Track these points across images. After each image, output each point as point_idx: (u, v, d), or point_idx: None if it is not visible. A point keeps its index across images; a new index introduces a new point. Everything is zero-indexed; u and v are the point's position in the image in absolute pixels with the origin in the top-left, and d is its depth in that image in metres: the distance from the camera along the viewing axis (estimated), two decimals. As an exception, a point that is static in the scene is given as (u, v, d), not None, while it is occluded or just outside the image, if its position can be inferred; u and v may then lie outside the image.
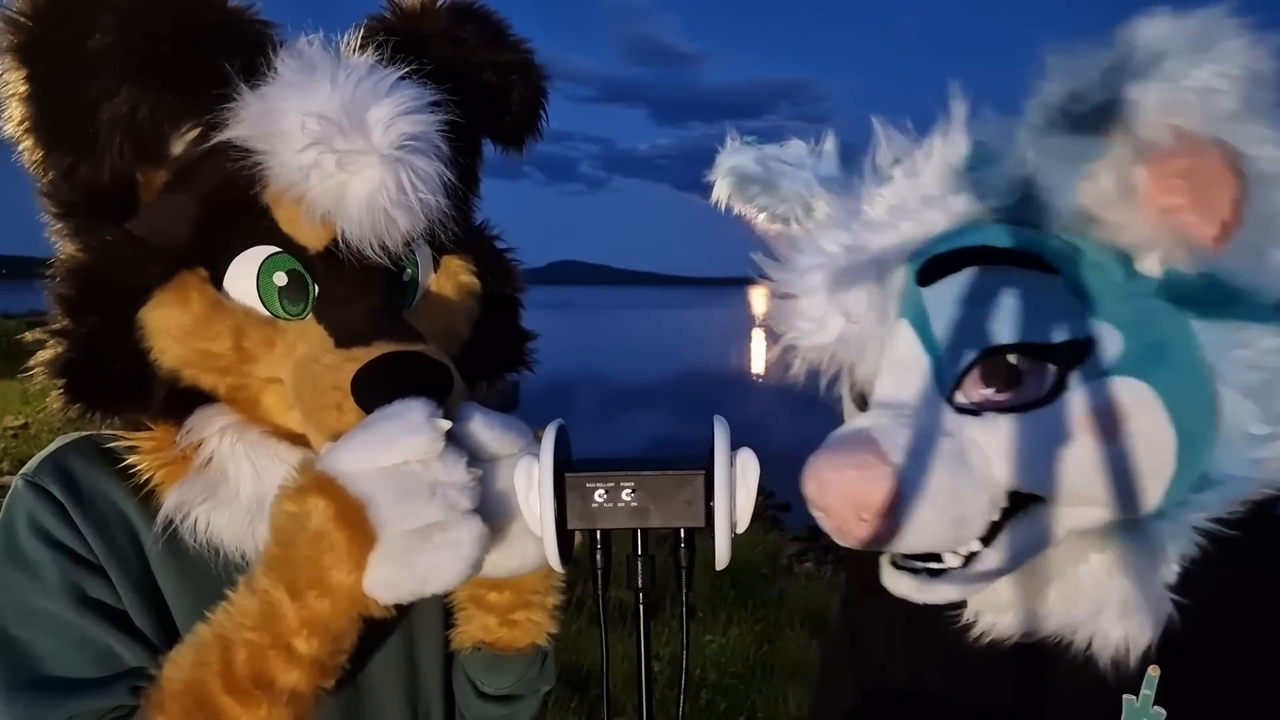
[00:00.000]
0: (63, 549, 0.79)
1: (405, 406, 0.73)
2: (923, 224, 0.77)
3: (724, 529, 0.66)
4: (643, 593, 0.69)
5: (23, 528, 0.79)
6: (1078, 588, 0.77)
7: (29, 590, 0.78)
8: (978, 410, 0.73)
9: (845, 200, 0.82)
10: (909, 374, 0.75)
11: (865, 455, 0.71)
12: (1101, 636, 0.77)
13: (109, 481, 0.82)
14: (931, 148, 0.78)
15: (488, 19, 0.94)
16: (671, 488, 0.67)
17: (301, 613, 0.70)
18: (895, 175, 0.79)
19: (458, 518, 0.71)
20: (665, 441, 12.74)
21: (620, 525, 0.68)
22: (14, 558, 0.79)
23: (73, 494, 0.80)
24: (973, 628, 0.84)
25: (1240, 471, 0.73)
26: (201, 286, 0.79)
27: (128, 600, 0.80)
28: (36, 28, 0.73)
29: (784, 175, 0.93)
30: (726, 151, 0.97)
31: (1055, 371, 0.71)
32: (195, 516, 0.80)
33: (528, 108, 0.97)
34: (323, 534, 0.69)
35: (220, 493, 0.80)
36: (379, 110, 0.76)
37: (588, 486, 0.67)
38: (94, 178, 0.76)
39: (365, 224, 0.77)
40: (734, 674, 3.92)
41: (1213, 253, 0.67)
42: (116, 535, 0.81)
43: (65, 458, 0.83)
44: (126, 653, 0.79)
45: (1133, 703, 0.79)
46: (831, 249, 0.79)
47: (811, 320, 0.79)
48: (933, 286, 0.75)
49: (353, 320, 0.80)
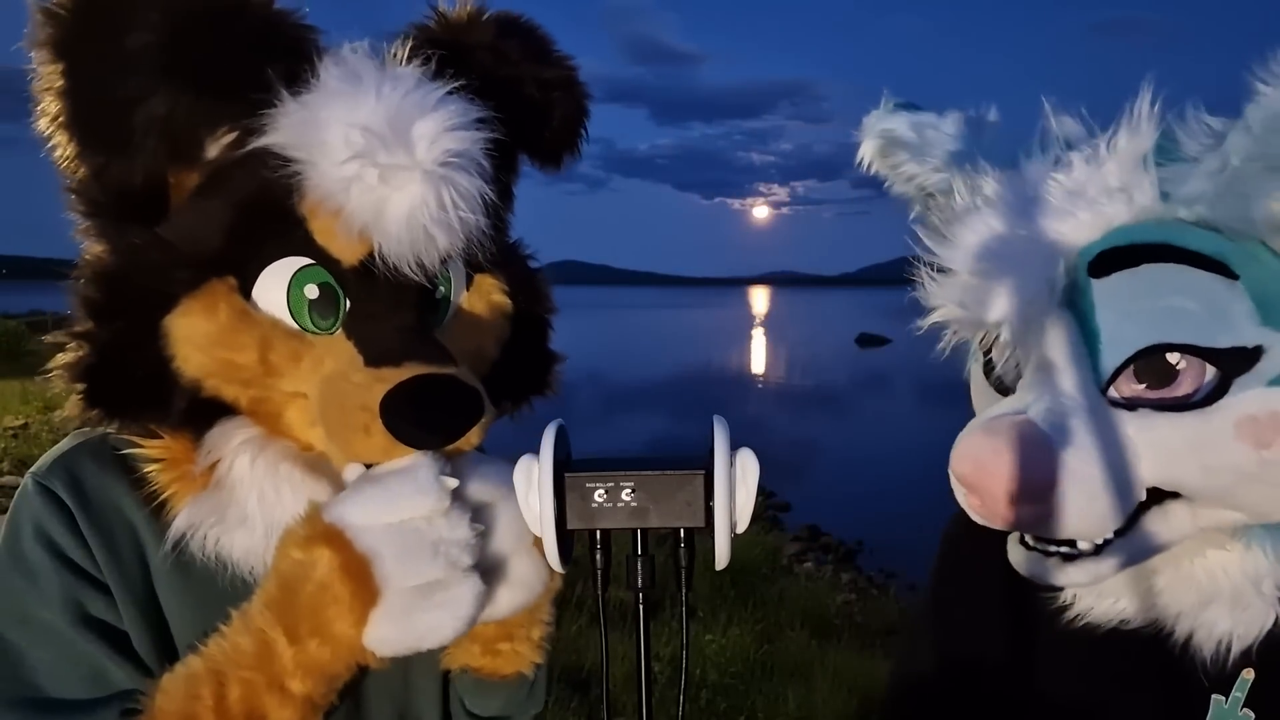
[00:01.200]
0: (66, 562, 0.78)
1: (414, 464, 0.74)
2: (1102, 214, 0.76)
3: (724, 529, 0.65)
4: (642, 593, 0.69)
5: (28, 532, 0.78)
6: (1191, 579, 0.78)
7: (28, 597, 0.77)
8: (1132, 406, 0.74)
9: (1017, 181, 0.80)
10: (1068, 364, 0.75)
11: (1029, 442, 0.72)
12: (1205, 629, 0.78)
13: (119, 490, 0.81)
14: (1117, 138, 0.77)
15: (533, 33, 0.93)
16: (671, 488, 0.67)
17: (299, 656, 0.71)
18: (1075, 161, 0.77)
19: (458, 576, 0.72)
20: (664, 441, 12.75)
21: (620, 525, 0.68)
22: (16, 562, 0.78)
23: (82, 502, 0.79)
24: (1069, 609, 0.84)
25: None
26: (229, 296, 0.77)
27: (128, 618, 0.79)
28: (75, 22, 0.71)
29: (940, 144, 0.90)
30: (879, 113, 0.95)
31: (1217, 375, 0.71)
32: (205, 535, 0.78)
33: (569, 126, 0.95)
34: (327, 585, 0.70)
35: (232, 514, 0.78)
36: (424, 125, 0.74)
37: (588, 486, 0.67)
38: (125, 178, 0.75)
39: (404, 240, 0.75)
40: (734, 674, 3.92)
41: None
42: (122, 548, 0.80)
43: (77, 462, 0.81)
44: (120, 674, 0.77)
45: (1221, 703, 0.80)
46: (1004, 231, 0.78)
47: (976, 299, 0.78)
48: (1104, 279, 0.74)
49: (383, 338, 0.78)
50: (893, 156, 0.94)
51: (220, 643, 0.73)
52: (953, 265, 0.79)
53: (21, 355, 18.52)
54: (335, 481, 0.81)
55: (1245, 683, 0.79)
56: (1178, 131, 0.75)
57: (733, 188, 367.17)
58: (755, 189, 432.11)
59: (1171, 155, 0.75)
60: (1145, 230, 0.75)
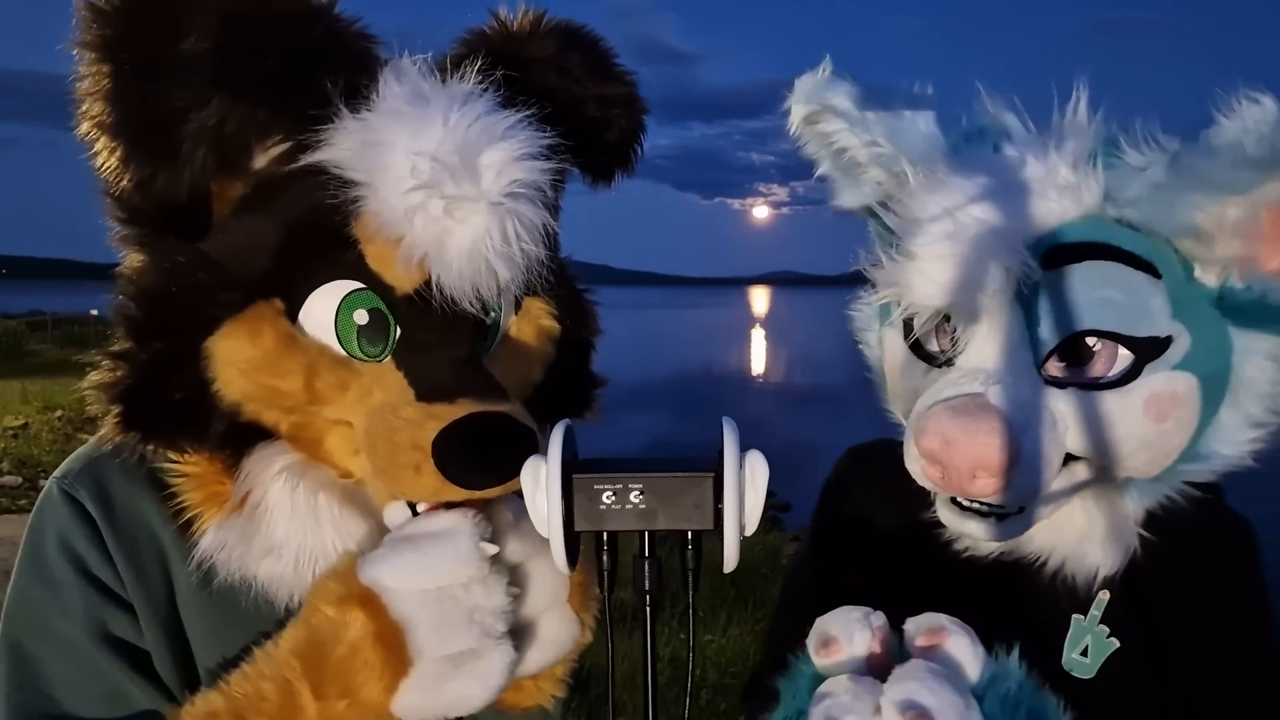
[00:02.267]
0: (90, 577, 0.76)
1: (454, 529, 0.72)
2: (1053, 210, 0.82)
3: (733, 532, 0.65)
4: (649, 595, 0.69)
5: (52, 542, 0.77)
6: (1069, 518, 0.89)
7: (49, 609, 0.76)
8: (1061, 384, 0.83)
9: (971, 170, 0.84)
10: (1012, 346, 0.83)
11: (994, 423, 0.79)
12: (1077, 561, 0.89)
13: (147, 503, 0.79)
14: (1065, 138, 0.83)
15: (595, 47, 0.90)
16: (680, 490, 0.66)
17: (324, 712, 0.70)
18: (1027, 158, 0.83)
19: (490, 644, 0.72)
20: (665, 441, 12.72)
21: (629, 527, 0.67)
22: (39, 572, 0.77)
23: (108, 515, 0.77)
24: (951, 544, 0.94)
25: (1225, 450, 0.87)
26: (275, 319, 0.74)
27: (150, 637, 0.78)
28: (125, 22, 0.67)
29: (883, 123, 0.91)
30: (815, 78, 0.93)
31: (1133, 360, 0.82)
32: (232, 558, 0.76)
33: (625, 143, 0.93)
34: (359, 650, 0.69)
35: (261, 540, 0.76)
36: (492, 155, 0.71)
37: (595, 488, 0.66)
38: (171, 190, 0.71)
39: (464, 273, 0.72)
40: (734, 674, 3.91)
41: (1273, 278, 0.79)
42: (147, 566, 0.78)
43: (105, 471, 0.79)
44: (140, 695, 0.76)
45: (1080, 621, 0.91)
46: (962, 218, 0.81)
47: (932, 281, 0.82)
48: (1052, 270, 0.82)
49: (436, 371, 0.76)
50: (824, 123, 0.94)
51: (243, 684, 0.72)
52: (910, 247, 0.83)
53: (21, 355, 18.54)
54: (371, 514, 0.79)
55: (1102, 602, 0.91)
56: (1122, 139, 0.82)
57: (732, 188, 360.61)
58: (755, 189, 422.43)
59: (1114, 160, 0.82)
60: (1090, 228, 0.83)
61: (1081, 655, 0.90)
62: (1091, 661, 0.90)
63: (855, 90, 0.92)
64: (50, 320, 26.44)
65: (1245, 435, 0.86)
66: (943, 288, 0.82)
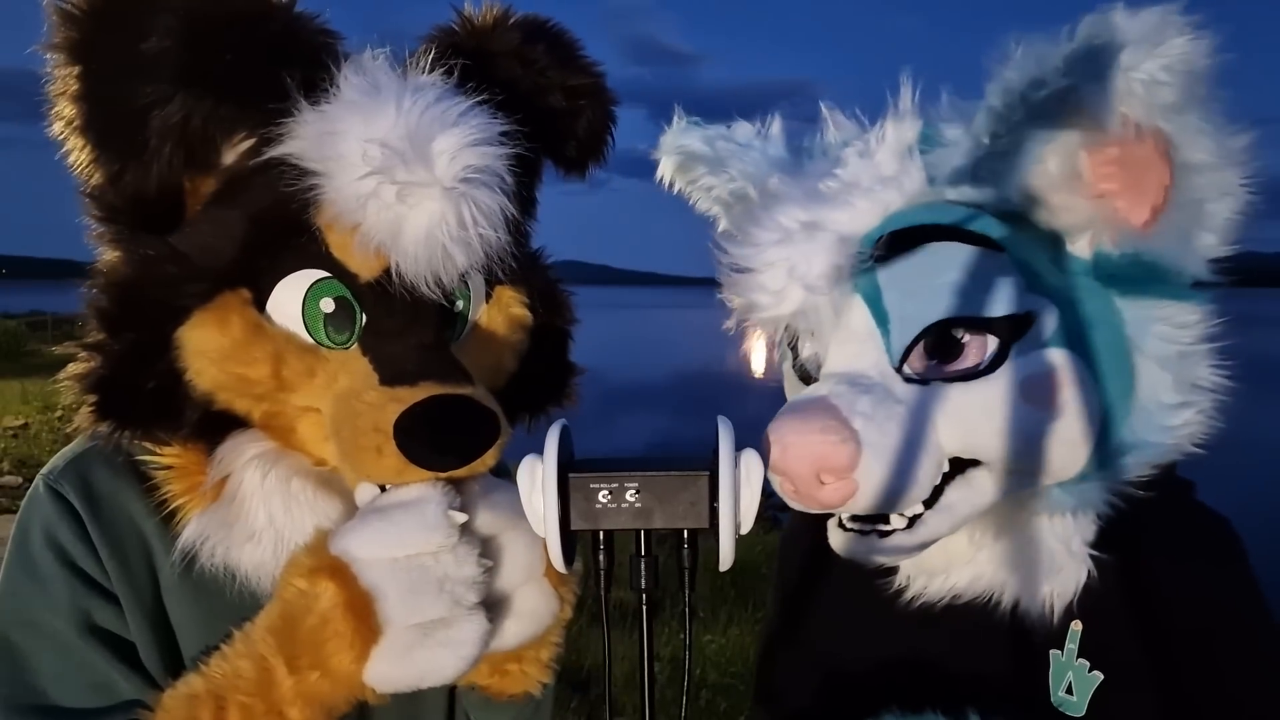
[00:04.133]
0: (75, 570, 0.77)
1: (422, 497, 0.73)
2: (878, 202, 0.80)
3: (729, 530, 0.65)
4: (646, 594, 0.69)
5: (38, 536, 0.78)
6: (1008, 549, 0.83)
7: (36, 602, 0.77)
8: (925, 380, 0.78)
9: (800, 179, 0.84)
10: (862, 346, 0.80)
11: (828, 420, 0.75)
12: (1028, 594, 0.83)
13: (131, 497, 0.80)
14: (884, 130, 0.81)
15: (560, 38, 0.91)
16: (676, 489, 0.67)
17: (298, 686, 0.71)
18: (849, 156, 0.82)
19: (461, 614, 0.71)
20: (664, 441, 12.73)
21: (624, 526, 0.67)
22: (25, 566, 0.78)
23: (92, 509, 0.78)
24: (904, 592, 0.88)
25: (1154, 438, 0.79)
26: (243, 309, 0.76)
27: (135, 628, 0.79)
28: (91, 25, 0.69)
29: (733, 155, 0.94)
30: (673, 131, 0.98)
31: (997, 344, 0.76)
32: (214, 547, 0.77)
33: (595, 134, 0.94)
34: (329, 620, 0.70)
35: (241, 528, 0.77)
36: (444, 140, 0.72)
37: (591, 487, 0.67)
38: (140, 185, 0.73)
39: (421, 259, 0.73)
40: (734, 674, 3.91)
41: (1142, 235, 0.73)
42: (131, 557, 0.79)
43: (90, 467, 0.81)
44: (125, 685, 0.77)
45: (1059, 657, 0.84)
46: (789, 225, 0.81)
47: (770, 293, 0.81)
48: (886, 263, 0.79)
49: (399, 356, 0.77)
50: (691, 171, 0.98)
51: (222, 665, 0.73)
52: (746, 263, 0.82)
53: (21, 355, 18.52)
54: (347, 498, 0.80)
55: (1075, 634, 0.83)
56: (937, 119, 0.80)
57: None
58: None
59: (934, 142, 0.80)
60: (916, 214, 0.79)
61: (1068, 693, 0.83)
62: (1078, 699, 0.83)
63: (710, 133, 0.96)
64: (50, 320, 26.44)
65: (1172, 418, 0.78)
66: (779, 296, 0.80)
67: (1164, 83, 0.65)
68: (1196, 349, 0.78)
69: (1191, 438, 0.80)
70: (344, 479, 0.80)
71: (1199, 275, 0.76)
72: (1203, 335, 0.78)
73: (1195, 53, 0.65)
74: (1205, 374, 0.78)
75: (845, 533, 0.84)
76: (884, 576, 0.89)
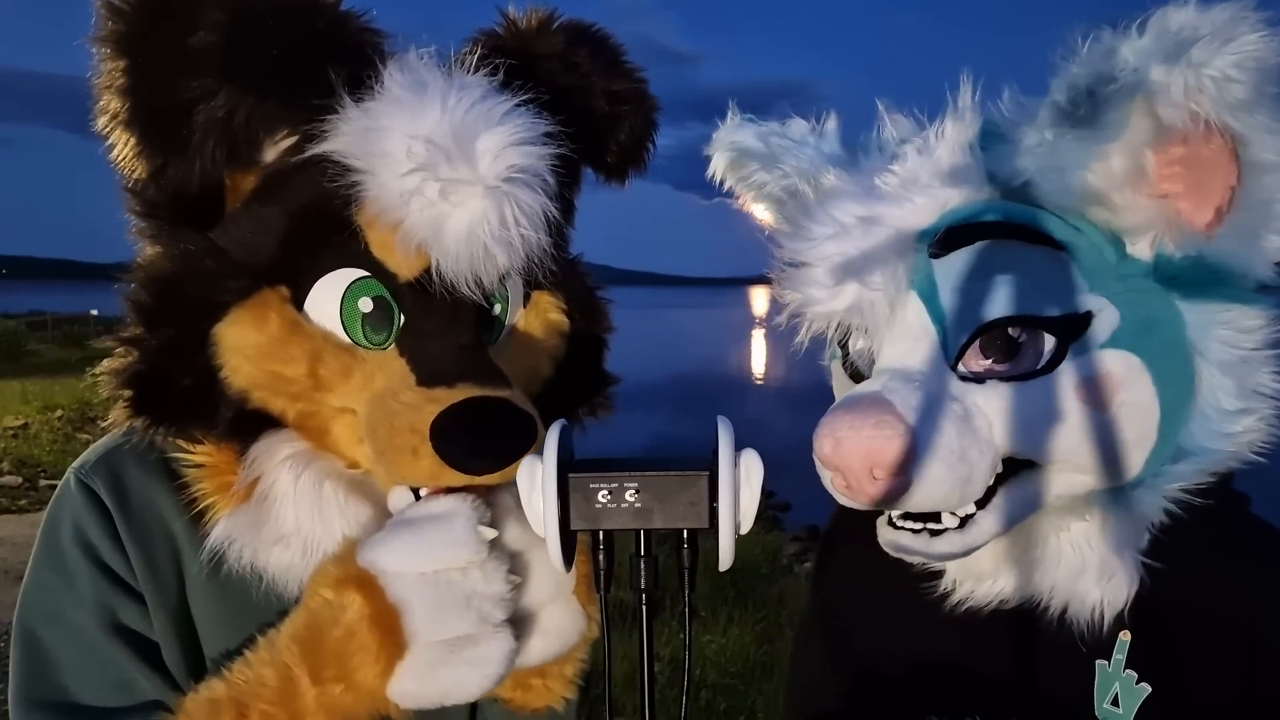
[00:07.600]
0: (103, 567, 0.77)
1: (452, 512, 0.72)
2: (936, 199, 0.79)
3: (728, 530, 0.65)
4: (646, 594, 0.69)
5: (67, 530, 0.78)
6: (1059, 554, 0.81)
7: (63, 597, 0.77)
8: (980, 379, 0.77)
9: (856, 174, 0.84)
10: (917, 343, 0.79)
11: (881, 415, 0.73)
12: (1078, 601, 0.80)
13: (161, 494, 0.80)
14: (944, 126, 0.81)
15: (604, 44, 0.90)
16: (675, 489, 0.67)
17: (321, 698, 0.70)
18: (907, 152, 0.81)
19: (488, 631, 0.71)
20: (665, 441, 12.73)
21: (624, 526, 0.67)
22: (54, 560, 0.78)
23: (122, 505, 0.78)
24: (950, 596, 0.86)
25: (1212, 444, 0.78)
26: (281, 306, 0.75)
27: (159, 627, 0.78)
28: (138, 18, 0.69)
29: (787, 152, 0.94)
30: (726, 126, 0.98)
31: (1054, 343, 0.75)
32: (242, 549, 0.77)
33: (636, 140, 0.94)
34: (355, 632, 0.69)
35: (270, 530, 0.76)
36: (489, 139, 0.71)
37: (591, 487, 0.67)
38: (183, 180, 0.73)
39: (462, 258, 0.73)
40: (734, 674, 3.91)
41: (1205, 237, 0.72)
42: (159, 557, 0.79)
43: (121, 462, 0.80)
44: (147, 685, 0.77)
45: (1105, 667, 0.82)
46: (846, 219, 0.80)
47: (824, 287, 0.80)
48: (942, 260, 0.77)
49: (437, 357, 0.76)
50: (743, 167, 0.98)
51: (245, 671, 0.72)
52: (802, 258, 0.81)
53: (21, 355, 18.53)
54: (378, 504, 0.79)
55: (1124, 644, 0.81)
56: (998, 116, 0.79)
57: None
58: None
59: (995, 138, 0.79)
60: (974, 210, 0.78)
61: (1113, 705, 0.81)
62: (1124, 711, 0.80)
63: (764, 129, 0.95)
64: (50, 320, 26.45)
65: (1232, 424, 0.77)
66: (833, 291, 0.79)
67: (1235, 79, 0.64)
68: (1259, 354, 0.76)
69: (1251, 445, 0.78)
70: (377, 483, 0.79)
71: (1264, 278, 0.75)
72: (1266, 340, 0.77)
73: (1267, 50, 0.64)
74: (1267, 380, 0.77)
75: (895, 530, 0.82)
76: (929, 579, 0.88)
